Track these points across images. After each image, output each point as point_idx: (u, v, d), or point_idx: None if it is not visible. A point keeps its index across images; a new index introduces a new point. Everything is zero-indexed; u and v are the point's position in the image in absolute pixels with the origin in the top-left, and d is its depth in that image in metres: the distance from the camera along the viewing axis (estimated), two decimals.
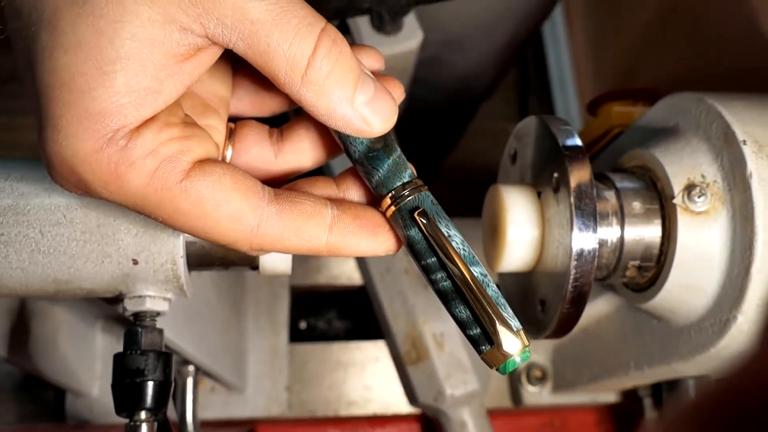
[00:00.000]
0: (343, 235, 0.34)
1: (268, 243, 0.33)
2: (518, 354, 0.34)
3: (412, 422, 0.82)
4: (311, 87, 0.31)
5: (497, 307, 0.33)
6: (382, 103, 0.33)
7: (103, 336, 0.72)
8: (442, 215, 0.34)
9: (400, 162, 0.35)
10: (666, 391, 0.67)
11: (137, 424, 0.39)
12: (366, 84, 0.33)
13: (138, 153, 0.31)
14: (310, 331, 0.93)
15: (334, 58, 0.31)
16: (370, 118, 0.33)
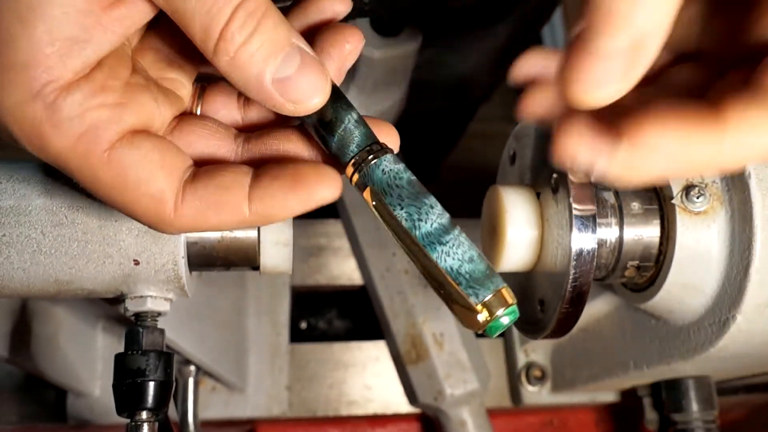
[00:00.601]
0: (264, 200, 0.32)
1: (189, 222, 0.32)
2: (495, 319, 0.31)
3: (412, 422, 0.82)
4: (223, 58, 0.30)
5: (456, 287, 0.31)
6: (305, 80, 0.31)
7: (105, 336, 0.72)
8: (395, 184, 0.32)
9: (347, 135, 0.33)
10: (665, 391, 0.68)
11: (138, 424, 0.39)
12: (288, 59, 0.30)
13: (65, 113, 0.29)
14: (311, 330, 0.93)
15: (248, 30, 0.29)
16: (289, 95, 0.31)
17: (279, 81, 0.30)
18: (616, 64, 0.25)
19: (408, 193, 0.32)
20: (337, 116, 0.33)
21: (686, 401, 0.65)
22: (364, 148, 0.33)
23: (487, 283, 0.31)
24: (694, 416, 0.66)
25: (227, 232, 0.41)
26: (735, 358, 0.51)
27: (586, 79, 0.26)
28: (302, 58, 0.31)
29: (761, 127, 0.27)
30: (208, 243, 0.41)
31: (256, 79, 0.30)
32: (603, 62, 0.25)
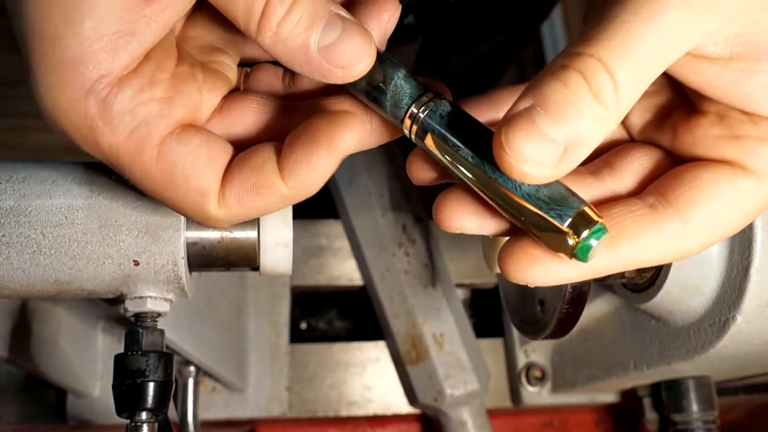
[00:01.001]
0: (293, 170, 0.32)
1: (233, 212, 0.33)
2: (579, 243, 0.28)
3: (412, 422, 0.82)
4: (267, 34, 0.30)
5: (537, 211, 0.29)
6: (347, 47, 0.30)
7: (105, 336, 0.72)
8: (456, 125, 0.31)
9: (399, 90, 0.32)
10: (665, 391, 0.68)
11: (138, 424, 0.39)
12: (330, 26, 0.30)
13: (117, 109, 0.30)
14: (311, 331, 0.93)
15: (286, 4, 0.29)
16: (336, 61, 0.30)
17: (324, 49, 0.30)
18: (554, 150, 0.26)
19: (470, 131, 0.31)
20: (385, 75, 0.32)
21: (686, 401, 0.65)
22: (417, 98, 0.32)
23: (569, 202, 0.29)
24: (694, 416, 0.66)
25: (227, 233, 0.41)
26: (735, 359, 0.51)
27: (522, 154, 0.26)
28: (343, 24, 0.30)
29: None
30: (208, 243, 0.41)
31: (301, 50, 0.30)
32: (541, 144, 0.26)
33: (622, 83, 0.25)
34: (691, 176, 0.30)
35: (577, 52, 0.25)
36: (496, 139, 0.26)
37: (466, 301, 0.90)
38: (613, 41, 0.25)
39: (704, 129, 0.31)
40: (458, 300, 0.81)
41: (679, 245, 0.30)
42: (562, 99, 0.25)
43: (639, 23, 0.25)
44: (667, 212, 0.30)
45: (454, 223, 0.32)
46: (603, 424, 0.82)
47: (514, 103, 0.26)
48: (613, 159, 0.33)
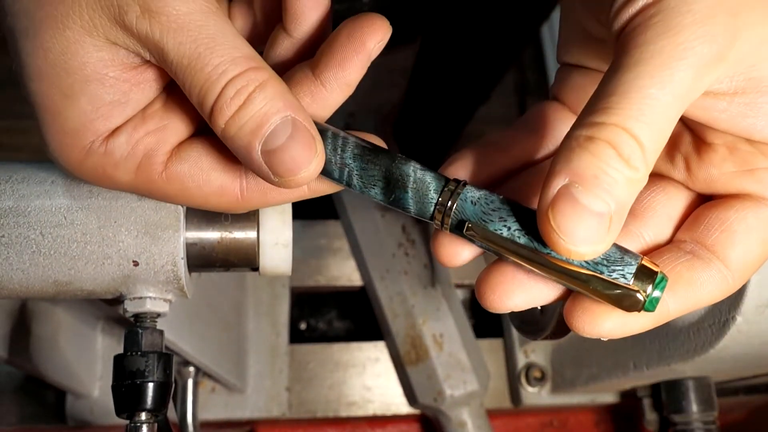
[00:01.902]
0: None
1: (257, 203, 0.35)
2: (648, 296, 0.29)
3: (412, 422, 0.82)
4: (216, 127, 0.31)
5: (600, 277, 0.29)
6: (290, 153, 0.31)
7: (104, 337, 0.72)
8: (489, 209, 0.30)
9: (419, 187, 0.32)
10: (665, 392, 0.68)
11: (137, 425, 0.39)
12: (279, 130, 0.30)
13: (117, 155, 0.33)
14: (311, 331, 0.93)
15: (234, 106, 0.30)
16: (275, 168, 0.31)
17: (267, 153, 0.31)
18: (602, 224, 0.26)
19: (506, 210, 0.30)
20: (402, 174, 0.32)
21: (686, 402, 0.65)
22: (443, 190, 0.31)
23: (626, 259, 0.29)
24: (693, 417, 0.66)
25: (227, 233, 0.41)
26: (735, 359, 0.51)
27: (574, 236, 0.26)
28: (294, 131, 0.31)
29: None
30: (208, 244, 0.41)
31: (245, 150, 0.31)
32: (590, 221, 0.26)
33: (647, 145, 0.26)
34: (719, 219, 0.31)
35: (600, 122, 0.26)
36: (545, 223, 0.26)
37: (466, 301, 0.90)
38: (634, 109, 0.25)
39: (717, 167, 0.31)
40: (458, 300, 0.81)
41: (726, 286, 0.30)
42: (598, 172, 0.25)
43: (656, 88, 0.25)
44: (711, 257, 0.30)
45: (505, 303, 0.31)
46: (603, 424, 0.82)
47: (547, 181, 0.26)
48: (635, 207, 0.33)
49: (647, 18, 0.26)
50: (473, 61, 0.95)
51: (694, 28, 0.25)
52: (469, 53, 0.93)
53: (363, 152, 0.33)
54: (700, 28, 0.25)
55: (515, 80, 1.79)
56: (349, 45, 0.33)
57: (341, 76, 0.33)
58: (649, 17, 0.26)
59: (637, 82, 0.26)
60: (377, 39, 0.33)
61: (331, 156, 0.33)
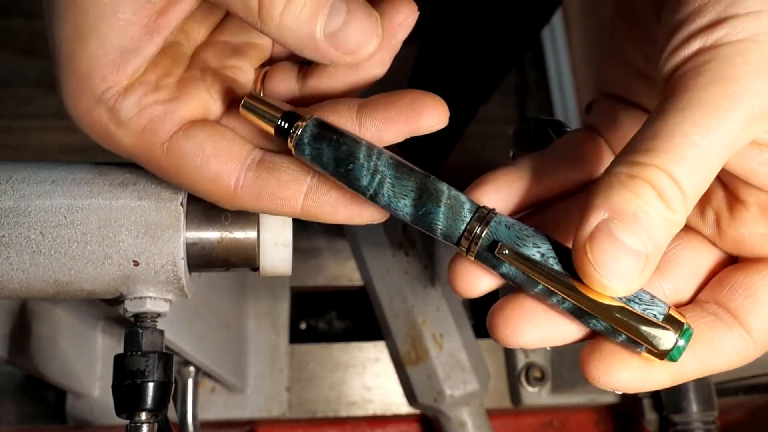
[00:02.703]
0: (317, 204, 0.34)
1: (247, 204, 0.35)
2: (676, 342, 0.28)
3: (412, 422, 0.82)
4: (271, 24, 0.30)
5: (629, 311, 0.28)
6: (353, 32, 0.30)
7: (104, 337, 0.72)
8: (523, 235, 0.30)
9: (453, 203, 0.31)
10: (665, 392, 0.68)
11: (138, 425, 0.39)
12: (335, 11, 0.30)
13: (124, 114, 0.33)
14: (311, 331, 0.93)
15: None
16: (342, 48, 0.30)
17: (331, 35, 0.30)
18: (639, 261, 0.26)
19: (540, 239, 0.30)
20: (435, 187, 0.31)
21: (686, 402, 0.65)
22: (475, 213, 0.31)
23: (656, 302, 0.28)
24: (693, 417, 0.66)
25: (227, 233, 0.41)
26: None
27: (610, 270, 0.26)
28: (349, 8, 0.30)
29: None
30: (208, 244, 0.41)
31: (308, 38, 0.30)
32: (627, 257, 0.26)
33: (687, 190, 0.26)
34: (744, 284, 0.30)
35: (642, 162, 0.25)
36: (581, 256, 0.26)
37: (466, 301, 0.90)
38: (676, 154, 0.25)
39: (748, 227, 0.31)
40: (458, 300, 0.81)
41: (746, 353, 0.30)
42: (638, 210, 0.25)
43: (699, 136, 0.25)
44: (732, 322, 0.30)
45: (518, 339, 0.31)
46: (603, 424, 0.82)
47: (585, 215, 0.26)
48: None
49: (700, 63, 0.26)
50: (474, 62, 0.95)
51: (746, 80, 0.25)
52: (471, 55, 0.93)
53: (398, 163, 0.32)
54: (753, 81, 0.25)
55: (515, 80, 1.79)
56: (406, 112, 0.33)
57: (380, 131, 0.34)
58: (702, 63, 0.26)
59: (682, 127, 0.25)
60: (431, 121, 0.33)
61: (365, 161, 0.32)
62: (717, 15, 0.26)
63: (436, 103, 0.34)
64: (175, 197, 0.39)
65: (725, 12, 0.26)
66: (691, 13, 0.26)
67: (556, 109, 1.78)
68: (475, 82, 1.01)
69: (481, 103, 1.08)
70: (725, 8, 0.26)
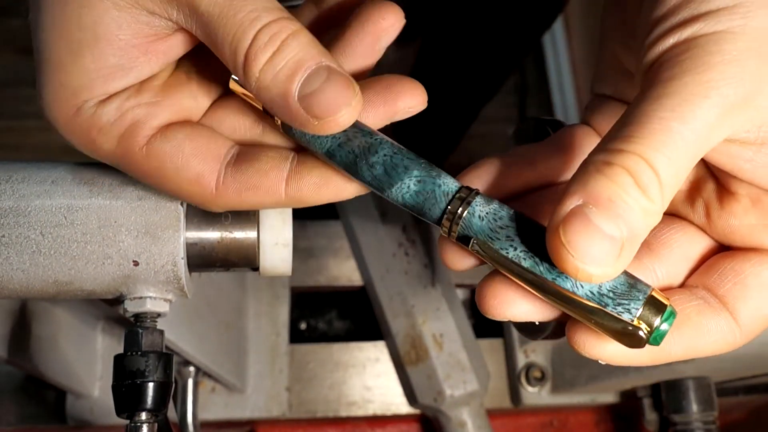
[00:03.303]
0: (300, 187, 0.34)
1: (231, 200, 0.34)
2: (656, 328, 0.28)
3: (412, 422, 0.82)
4: (251, 80, 0.31)
5: (604, 310, 0.28)
6: (329, 95, 0.30)
7: (104, 337, 0.72)
8: (497, 227, 0.29)
9: (435, 182, 0.31)
10: (665, 392, 0.68)
11: (138, 425, 0.39)
12: (315, 75, 0.30)
13: (105, 119, 0.33)
14: (311, 331, 0.93)
15: (271, 50, 0.30)
16: (313, 111, 0.30)
17: (304, 97, 0.30)
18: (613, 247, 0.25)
19: (514, 229, 0.29)
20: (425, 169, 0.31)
21: (686, 402, 0.65)
22: (453, 197, 0.31)
23: (634, 293, 0.28)
24: (693, 417, 0.66)
25: (227, 233, 0.41)
26: (735, 359, 0.51)
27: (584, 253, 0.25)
28: (329, 74, 0.30)
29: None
30: (208, 244, 0.41)
31: (282, 97, 0.30)
32: (601, 242, 0.25)
33: (665, 178, 0.25)
34: (734, 270, 0.30)
35: (619, 149, 0.26)
36: (555, 239, 0.26)
37: (466, 301, 0.90)
38: (653, 140, 0.25)
39: (738, 218, 0.31)
40: (458, 300, 0.81)
41: (732, 339, 0.30)
42: (613, 195, 0.25)
43: (677, 122, 0.25)
44: (720, 308, 0.30)
45: (505, 311, 0.31)
46: (603, 424, 0.82)
47: (561, 200, 0.26)
48: (652, 241, 0.33)
49: (676, 54, 0.26)
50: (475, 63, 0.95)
51: (721, 68, 0.25)
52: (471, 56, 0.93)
53: (389, 141, 0.33)
54: (728, 69, 0.25)
55: (515, 80, 1.79)
56: (383, 95, 0.34)
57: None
58: (678, 53, 0.26)
59: (659, 113, 0.25)
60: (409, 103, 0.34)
61: (354, 137, 0.32)
62: (691, 12, 0.26)
63: (414, 85, 0.34)
64: (175, 197, 0.39)
65: (699, 9, 0.26)
66: (667, 11, 0.27)
67: (556, 109, 1.78)
68: (475, 83, 1.01)
69: (483, 103, 1.08)
70: (699, 5, 0.26)
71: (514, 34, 0.92)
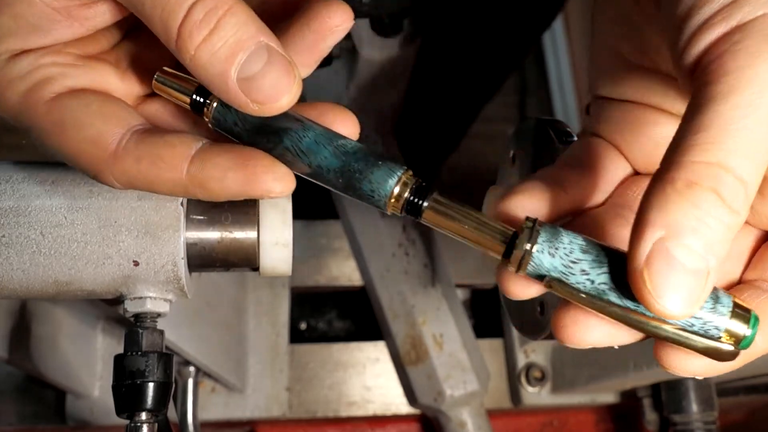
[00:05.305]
0: (204, 167, 0.31)
1: (129, 171, 0.32)
2: (744, 336, 0.27)
3: (412, 422, 0.82)
4: (185, 56, 0.29)
5: (690, 334, 0.27)
6: (271, 79, 0.29)
7: (104, 337, 0.72)
8: (569, 261, 0.28)
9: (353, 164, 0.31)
10: (665, 392, 0.68)
11: (138, 425, 0.39)
12: (255, 56, 0.29)
13: (15, 72, 0.32)
14: (311, 331, 0.93)
15: (208, 27, 0.29)
16: (253, 95, 0.29)
17: (244, 80, 0.29)
18: (700, 281, 0.24)
19: (589, 263, 0.28)
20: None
21: (686, 402, 0.65)
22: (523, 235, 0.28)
23: (719, 308, 0.27)
24: (694, 417, 0.66)
25: (227, 233, 0.41)
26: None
27: (672, 299, 0.24)
28: (270, 56, 0.29)
29: None
30: (208, 244, 0.41)
31: (219, 78, 0.29)
32: (688, 280, 0.24)
33: (749, 181, 0.24)
34: None
35: (698, 161, 0.24)
36: (639, 283, 0.24)
37: (466, 301, 0.90)
38: (732, 143, 0.24)
39: None
40: (458, 300, 0.81)
41: None
42: (698, 224, 0.24)
43: (753, 118, 0.24)
44: None
45: (586, 338, 0.29)
46: (603, 424, 0.82)
47: (640, 233, 0.24)
48: None
49: (731, 45, 0.24)
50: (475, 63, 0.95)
51: None
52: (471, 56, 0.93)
53: (327, 132, 0.32)
54: None
55: (515, 80, 1.79)
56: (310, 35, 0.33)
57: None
58: (732, 44, 0.24)
59: (734, 112, 0.24)
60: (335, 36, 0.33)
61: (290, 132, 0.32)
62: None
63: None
64: (176, 197, 0.38)
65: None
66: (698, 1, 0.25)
67: (556, 109, 1.78)
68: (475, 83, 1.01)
69: (484, 103, 1.08)
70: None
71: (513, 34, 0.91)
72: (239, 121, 0.32)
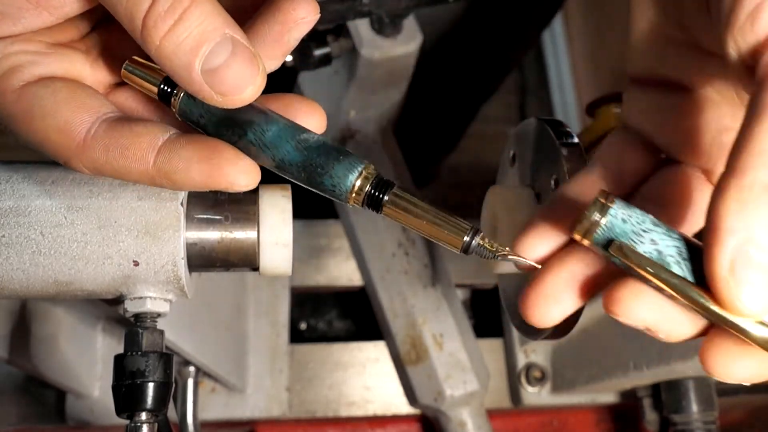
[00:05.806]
0: (170, 159, 0.32)
1: (97, 159, 0.32)
2: None
3: (412, 422, 0.82)
4: (150, 46, 0.29)
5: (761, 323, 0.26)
6: (235, 71, 0.29)
7: (104, 337, 0.72)
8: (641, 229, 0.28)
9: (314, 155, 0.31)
10: (665, 392, 0.68)
11: (138, 425, 0.39)
12: (219, 48, 0.29)
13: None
14: (311, 331, 0.93)
15: (169, 20, 0.29)
16: (218, 87, 0.30)
17: (208, 72, 0.29)
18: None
19: (660, 233, 0.28)
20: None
21: (686, 402, 0.65)
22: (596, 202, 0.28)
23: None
24: (694, 417, 0.66)
25: (227, 233, 0.41)
26: None
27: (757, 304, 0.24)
28: (234, 48, 0.30)
29: None
30: (208, 244, 0.41)
31: (184, 69, 0.29)
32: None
33: None
34: None
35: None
36: (723, 290, 0.25)
37: (466, 301, 0.90)
38: None
39: None
40: (458, 300, 0.81)
41: None
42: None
43: None
44: None
45: (638, 313, 0.29)
46: (603, 424, 0.82)
47: (718, 240, 0.24)
48: None
49: None
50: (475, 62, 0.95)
51: None
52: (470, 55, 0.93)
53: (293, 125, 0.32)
54: None
55: (515, 80, 1.79)
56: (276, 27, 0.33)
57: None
58: None
59: None
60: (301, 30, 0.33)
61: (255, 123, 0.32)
62: None
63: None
64: (175, 197, 0.38)
65: None
66: None
67: (556, 109, 1.78)
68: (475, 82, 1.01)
69: (482, 102, 1.08)
70: None
71: (513, 32, 0.91)
72: (204, 113, 0.32)
